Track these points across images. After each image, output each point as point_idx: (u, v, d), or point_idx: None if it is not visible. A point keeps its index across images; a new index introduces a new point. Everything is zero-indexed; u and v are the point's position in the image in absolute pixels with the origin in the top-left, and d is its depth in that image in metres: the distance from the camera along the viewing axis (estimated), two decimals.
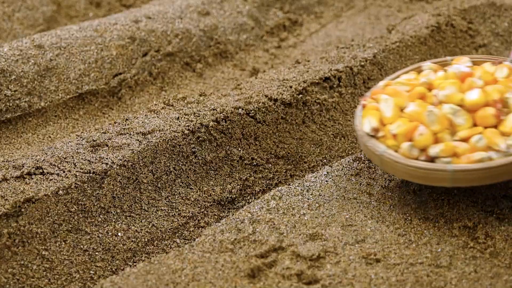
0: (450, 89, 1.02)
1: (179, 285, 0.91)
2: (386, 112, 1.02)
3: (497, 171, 0.96)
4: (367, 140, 1.01)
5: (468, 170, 0.95)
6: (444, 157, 0.97)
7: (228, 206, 1.13)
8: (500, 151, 0.96)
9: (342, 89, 1.29)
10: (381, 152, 0.99)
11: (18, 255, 0.98)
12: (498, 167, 0.95)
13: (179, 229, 1.08)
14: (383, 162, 1.00)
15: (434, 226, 1.00)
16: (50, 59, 1.37)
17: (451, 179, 0.96)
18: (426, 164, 0.97)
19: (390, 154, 0.99)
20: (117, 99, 1.40)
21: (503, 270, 0.93)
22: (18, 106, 1.31)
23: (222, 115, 1.16)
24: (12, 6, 1.68)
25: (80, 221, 1.03)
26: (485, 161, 0.96)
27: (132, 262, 1.03)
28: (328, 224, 1.01)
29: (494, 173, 0.96)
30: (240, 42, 1.58)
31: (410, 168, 0.97)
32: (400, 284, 0.91)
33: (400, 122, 1.00)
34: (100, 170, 1.05)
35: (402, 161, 0.98)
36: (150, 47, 1.47)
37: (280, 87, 1.25)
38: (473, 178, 0.96)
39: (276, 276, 0.93)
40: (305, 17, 1.72)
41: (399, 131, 0.99)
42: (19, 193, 1.00)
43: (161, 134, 1.12)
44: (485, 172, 0.95)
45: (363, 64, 1.34)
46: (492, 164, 0.95)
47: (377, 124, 1.01)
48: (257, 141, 1.19)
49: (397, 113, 1.02)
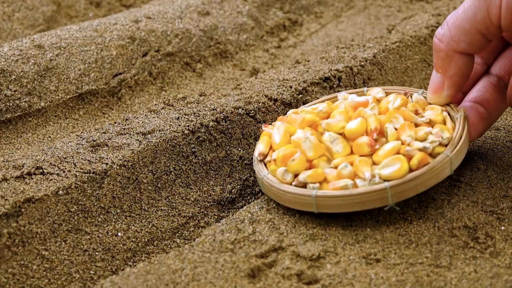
0: (336, 118, 1.04)
1: (179, 285, 0.91)
2: (275, 138, 1.06)
3: (358, 198, 0.97)
4: (255, 164, 1.06)
5: (329, 196, 0.97)
6: (312, 183, 0.99)
7: (228, 206, 1.13)
8: (365, 179, 0.97)
9: (342, 89, 1.29)
10: (262, 176, 1.04)
11: (18, 255, 0.98)
12: (359, 195, 0.96)
13: (179, 229, 1.08)
14: (263, 185, 1.04)
15: (434, 226, 1.00)
16: (50, 59, 1.37)
17: (315, 204, 0.98)
18: (294, 189, 1.00)
19: (268, 178, 1.03)
20: (117, 99, 1.40)
21: (503, 270, 0.93)
22: (18, 106, 1.31)
23: (222, 115, 1.16)
24: (12, 6, 1.68)
25: (80, 221, 1.03)
26: (348, 189, 0.97)
27: (132, 262, 1.03)
28: (328, 224, 1.01)
29: (356, 200, 0.97)
30: (240, 42, 1.58)
31: (280, 192, 1.01)
32: (400, 284, 0.91)
33: (283, 148, 1.03)
34: (100, 170, 1.05)
35: (275, 185, 1.01)
36: (150, 47, 1.47)
37: (280, 87, 1.25)
38: (336, 204, 0.98)
39: (276, 276, 0.93)
40: (305, 17, 1.72)
41: (277, 156, 1.02)
42: (19, 193, 1.00)
43: (161, 134, 1.12)
44: (346, 199, 0.97)
45: (363, 64, 1.34)
46: (352, 191, 0.97)
47: (264, 149, 1.06)
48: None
49: (286, 140, 1.05)
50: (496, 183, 1.08)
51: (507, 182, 1.08)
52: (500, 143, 1.17)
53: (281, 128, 1.06)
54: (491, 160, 1.12)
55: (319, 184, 0.99)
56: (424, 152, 0.98)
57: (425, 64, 1.45)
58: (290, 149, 1.03)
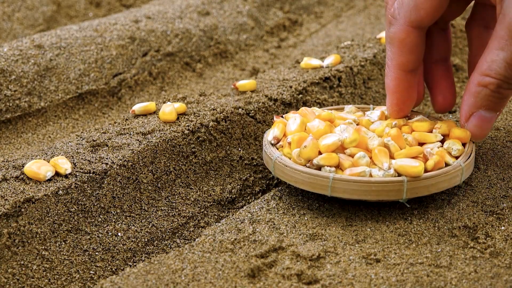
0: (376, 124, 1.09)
1: (179, 285, 0.91)
2: (291, 127, 1.07)
3: (375, 187, 0.98)
4: (267, 148, 1.07)
5: (346, 180, 0.99)
6: (327, 166, 1.01)
7: (228, 206, 1.13)
8: (383, 169, 0.99)
9: (342, 89, 1.29)
10: (275, 158, 1.05)
11: (18, 255, 0.98)
12: (376, 183, 0.98)
13: (179, 229, 1.08)
14: (275, 166, 1.05)
15: (434, 226, 1.00)
16: (50, 59, 1.37)
17: (330, 187, 0.99)
18: (310, 170, 1.01)
19: (282, 159, 1.04)
20: (117, 99, 1.40)
21: (503, 270, 0.93)
22: (18, 106, 1.31)
23: (222, 115, 1.16)
24: (12, 6, 1.68)
25: (80, 221, 1.03)
26: (365, 175, 0.99)
27: (132, 262, 1.03)
28: (328, 224, 1.01)
29: (373, 188, 0.98)
30: (240, 42, 1.58)
31: (295, 172, 1.02)
32: (400, 284, 0.91)
33: (298, 133, 1.05)
34: (100, 170, 1.05)
35: (290, 165, 1.02)
36: (150, 47, 1.47)
37: (280, 87, 1.25)
38: (351, 189, 0.99)
39: (276, 276, 0.93)
40: (305, 17, 1.72)
41: (292, 139, 1.04)
42: (19, 193, 1.00)
43: (161, 134, 1.12)
44: (362, 185, 0.98)
45: (363, 64, 1.34)
46: (370, 179, 0.98)
47: (279, 133, 1.08)
48: (257, 141, 1.19)
49: (301, 129, 1.07)
50: (496, 183, 1.08)
51: (507, 182, 1.08)
52: (500, 143, 1.17)
53: (298, 119, 1.08)
54: (491, 160, 1.12)
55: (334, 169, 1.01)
56: (440, 156, 1.01)
57: None
58: (305, 133, 1.05)
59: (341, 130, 1.03)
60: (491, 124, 1.04)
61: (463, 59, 1.49)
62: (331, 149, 1.02)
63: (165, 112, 1.14)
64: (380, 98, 1.35)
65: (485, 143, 1.17)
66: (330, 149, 1.02)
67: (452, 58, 1.48)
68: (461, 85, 1.44)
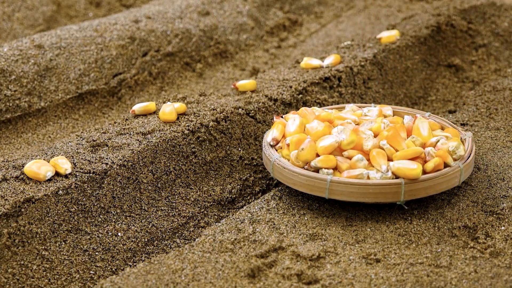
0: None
1: (179, 285, 0.91)
2: (290, 128, 1.07)
3: (373, 189, 0.98)
4: (266, 149, 1.07)
5: (344, 182, 0.99)
6: (325, 168, 1.01)
7: (228, 206, 1.13)
8: (381, 172, 1.00)
9: (342, 89, 1.29)
10: (273, 159, 1.05)
11: (18, 255, 0.98)
12: (374, 186, 0.98)
13: (179, 229, 1.08)
14: (274, 168, 1.05)
15: (434, 226, 1.00)
16: (50, 59, 1.37)
17: (328, 189, 1.00)
18: (308, 172, 1.01)
19: (280, 161, 1.04)
20: (117, 99, 1.40)
21: (503, 270, 0.93)
22: (18, 106, 1.31)
23: (222, 115, 1.16)
24: (12, 6, 1.68)
25: (80, 221, 1.03)
26: (363, 178, 0.99)
27: (132, 262, 1.03)
28: (328, 224, 1.01)
29: (370, 190, 0.98)
30: (240, 42, 1.58)
31: (293, 174, 1.02)
32: (400, 284, 0.91)
33: (297, 134, 1.05)
34: (100, 170, 1.05)
35: (288, 167, 1.03)
36: (150, 47, 1.47)
37: (280, 87, 1.25)
38: (349, 192, 0.99)
39: (276, 276, 0.93)
40: (305, 17, 1.72)
41: (291, 140, 1.04)
42: (19, 193, 1.00)
43: (161, 134, 1.12)
44: (360, 187, 0.99)
45: (363, 64, 1.34)
46: (368, 181, 0.98)
47: (278, 135, 1.08)
48: (257, 141, 1.19)
49: (300, 130, 1.07)
50: (496, 183, 1.08)
51: (507, 182, 1.08)
52: (500, 143, 1.17)
53: (297, 120, 1.08)
54: (491, 160, 1.12)
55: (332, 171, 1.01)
56: (441, 157, 1.01)
57: (425, 64, 1.45)
58: (303, 135, 1.05)
59: (338, 132, 1.03)
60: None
61: (463, 59, 1.49)
62: (329, 151, 1.02)
63: (165, 112, 1.14)
64: (380, 98, 1.35)
65: (485, 143, 1.17)
66: (328, 151, 1.01)
67: (452, 58, 1.48)
68: (461, 85, 1.44)
